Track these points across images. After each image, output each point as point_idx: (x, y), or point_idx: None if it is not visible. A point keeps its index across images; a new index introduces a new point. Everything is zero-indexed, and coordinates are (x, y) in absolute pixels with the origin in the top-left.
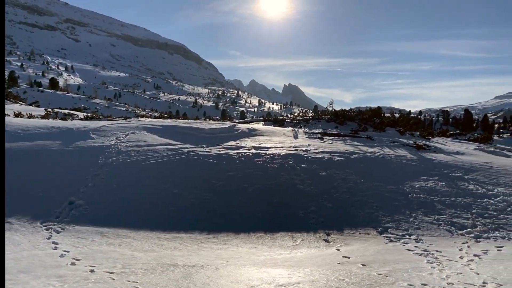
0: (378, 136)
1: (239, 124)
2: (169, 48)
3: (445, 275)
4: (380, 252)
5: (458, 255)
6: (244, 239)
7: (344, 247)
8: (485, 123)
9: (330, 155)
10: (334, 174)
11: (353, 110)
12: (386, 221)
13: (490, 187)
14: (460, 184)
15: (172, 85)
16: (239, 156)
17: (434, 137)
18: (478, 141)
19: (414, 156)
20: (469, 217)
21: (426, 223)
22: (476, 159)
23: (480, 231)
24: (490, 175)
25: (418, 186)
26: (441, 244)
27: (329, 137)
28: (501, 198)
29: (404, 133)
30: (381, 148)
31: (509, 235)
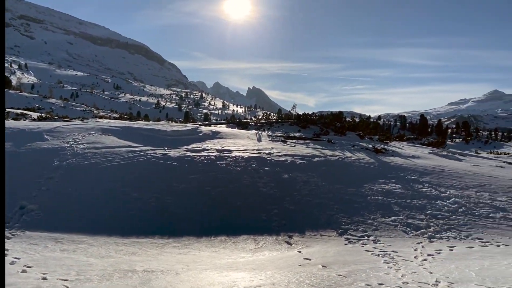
0: (339, 140)
1: (202, 126)
2: (130, 47)
3: (401, 274)
4: (340, 253)
5: (413, 255)
6: (206, 243)
7: (306, 249)
8: (439, 128)
9: (293, 158)
10: (297, 177)
11: (315, 114)
12: (346, 222)
13: (443, 190)
14: (416, 187)
15: (133, 85)
16: (202, 158)
17: (392, 141)
18: (432, 145)
19: (373, 160)
20: (424, 218)
21: (384, 225)
22: (430, 163)
23: (433, 232)
24: (443, 178)
25: (376, 188)
26: (397, 244)
27: (292, 141)
28: (453, 200)
29: (363, 137)
30: (342, 152)
31: (460, 235)
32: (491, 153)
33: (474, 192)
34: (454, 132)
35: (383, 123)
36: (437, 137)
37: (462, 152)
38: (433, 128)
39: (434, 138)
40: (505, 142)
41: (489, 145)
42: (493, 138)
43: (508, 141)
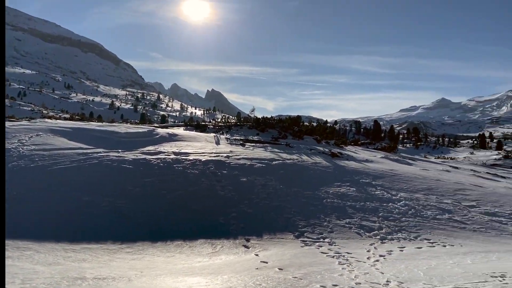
0: (297, 144)
1: (159, 128)
2: (83, 46)
3: (354, 275)
4: (296, 256)
5: (366, 256)
6: (161, 248)
7: (263, 252)
8: (392, 133)
9: (251, 162)
10: (255, 180)
11: (274, 118)
12: (302, 225)
13: (394, 192)
14: (369, 190)
15: (85, 85)
16: (157, 161)
17: (347, 146)
18: (385, 150)
19: (329, 163)
20: (376, 220)
21: (339, 227)
22: (383, 167)
23: (385, 233)
24: (394, 181)
25: (332, 191)
26: (351, 246)
27: (250, 144)
28: (403, 202)
29: (320, 141)
30: (299, 155)
31: (410, 236)
32: (438, 158)
33: (423, 195)
34: (405, 138)
35: (339, 128)
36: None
37: (412, 156)
38: (386, 133)
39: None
40: (451, 148)
41: (437, 150)
42: (441, 143)
43: (454, 147)
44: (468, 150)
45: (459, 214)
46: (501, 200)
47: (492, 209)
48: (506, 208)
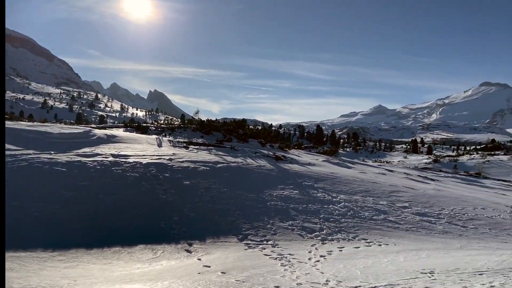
0: (241, 147)
1: (96, 129)
2: (13, 40)
3: (296, 276)
4: (239, 259)
5: (307, 257)
6: (97, 255)
7: (206, 256)
8: (333, 138)
9: (195, 165)
10: (199, 184)
11: (218, 121)
12: (246, 228)
13: (335, 195)
14: (311, 192)
15: (15, 82)
16: (94, 164)
17: (291, 149)
18: (326, 153)
19: (273, 167)
20: (318, 222)
21: (282, 229)
22: (324, 170)
23: (326, 234)
24: (335, 184)
25: (276, 194)
26: (294, 247)
27: (194, 147)
28: (343, 204)
29: (265, 145)
30: (244, 158)
31: (348, 237)
32: (375, 162)
33: (361, 196)
34: (345, 142)
35: (284, 132)
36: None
37: (351, 160)
38: (328, 138)
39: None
40: (387, 152)
41: (374, 154)
42: (378, 148)
43: (389, 151)
44: (402, 154)
45: (393, 214)
46: (430, 201)
47: (422, 209)
48: (435, 209)
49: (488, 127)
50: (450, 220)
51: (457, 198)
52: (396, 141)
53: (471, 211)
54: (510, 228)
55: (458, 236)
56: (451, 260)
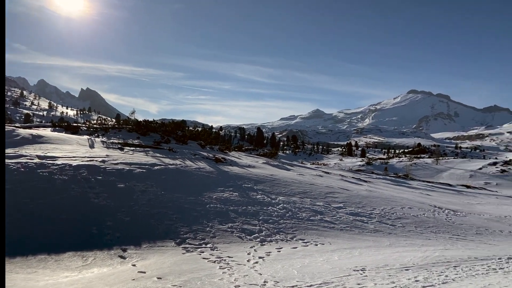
0: (180, 149)
1: (21, 129)
2: None
3: (234, 278)
4: (177, 263)
5: (246, 259)
6: (21, 264)
7: (141, 261)
8: (273, 140)
9: (130, 167)
10: (134, 187)
11: (156, 122)
12: (184, 232)
13: (274, 196)
14: (251, 194)
15: None
16: (18, 166)
17: (231, 151)
18: (266, 156)
19: (213, 169)
20: (257, 224)
21: (221, 231)
22: (264, 172)
23: (265, 236)
24: (274, 185)
25: (215, 196)
26: (233, 250)
27: (130, 148)
28: (282, 205)
29: (205, 147)
30: (183, 161)
31: (287, 237)
32: (313, 164)
33: (299, 198)
34: (285, 145)
35: (225, 134)
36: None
37: (290, 162)
38: (268, 140)
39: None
40: (325, 155)
41: (312, 157)
42: (316, 150)
43: (327, 154)
44: (338, 157)
45: (329, 215)
46: (363, 202)
47: (356, 209)
48: (367, 209)
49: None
50: (381, 219)
51: (387, 198)
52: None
53: (399, 210)
54: (433, 226)
55: (388, 234)
56: (381, 257)
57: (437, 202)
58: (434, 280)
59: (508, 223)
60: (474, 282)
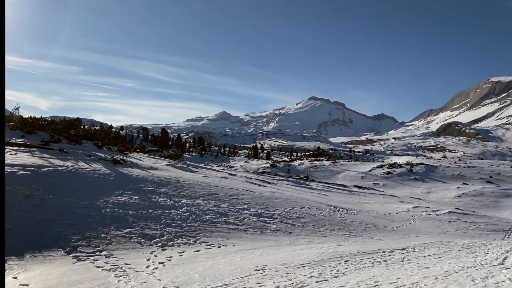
0: (73, 149)
1: None
2: None
3: (130, 286)
4: (66, 274)
5: (145, 265)
6: None
7: (24, 273)
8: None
9: (13, 169)
10: (17, 191)
11: (44, 119)
12: (76, 239)
13: (177, 199)
14: (152, 197)
15: None
16: None
17: (132, 153)
18: (171, 157)
19: (110, 171)
20: (158, 228)
21: (118, 237)
22: (167, 174)
23: (166, 240)
24: (177, 188)
25: (112, 200)
26: (131, 256)
27: (12, 148)
28: (185, 208)
29: (101, 147)
30: (76, 162)
31: (189, 241)
32: (220, 166)
33: (203, 200)
34: (191, 146)
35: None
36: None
37: (196, 164)
38: (173, 141)
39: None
40: (231, 157)
41: (219, 159)
42: (222, 152)
43: (233, 156)
44: (244, 159)
45: (233, 216)
46: (266, 203)
47: (259, 210)
48: (269, 210)
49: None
50: (282, 219)
51: (288, 199)
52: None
53: (299, 210)
54: (329, 224)
55: (288, 234)
56: (281, 255)
57: (332, 202)
58: (327, 274)
59: (392, 219)
60: (361, 275)
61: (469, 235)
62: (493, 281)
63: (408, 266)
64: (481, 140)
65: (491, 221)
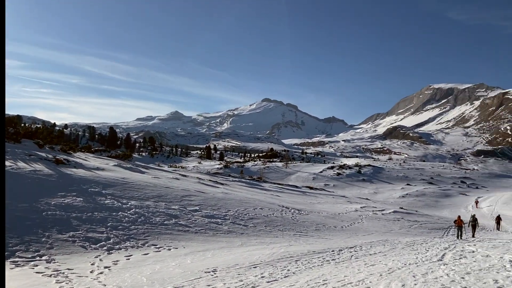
0: (12, 148)
1: None
2: None
3: None
4: None
5: (89, 270)
6: None
7: None
8: (128, 141)
9: None
10: None
11: None
12: (14, 243)
13: (125, 201)
14: (98, 199)
15: None
16: None
17: (76, 152)
18: (119, 157)
19: (53, 171)
20: (104, 231)
21: (60, 241)
22: (115, 175)
23: (113, 243)
24: (126, 189)
25: (54, 202)
26: (74, 261)
27: None
28: (133, 210)
29: (43, 146)
30: (14, 162)
31: (138, 244)
32: (171, 167)
33: (153, 202)
34: (142, 146)
35: (70, 133)
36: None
37: (146, 165)
38: (122, 141)
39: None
40: (184, 157)
41: (170, 159)
42: (174, 153)
43: (186, 156)
44: (197, 160)
45: (184, 218)
46: (218, 204)
47: (211, 212)
48: (222, 211)
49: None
50: (234, 220)
51: (241, 200)
52: (192, 147)
53: (251, 211)
54: (281, 224)
55: (240, 235)
56: (232, 257)
57: (285, 203)
58: (277, 274)
59: (341, 219)
60: (310, 274)
61: (412, 233)
62: (432, 277)
63: (355, 264)
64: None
65: (432, 220)
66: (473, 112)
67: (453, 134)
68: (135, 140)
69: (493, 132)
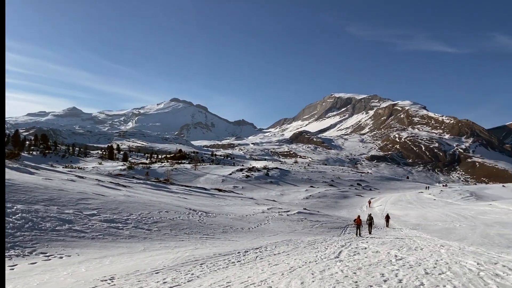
0: None
1: None
2: None
3: None
4: None
5: None
6: None
7: None
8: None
9: None
10: None
11: None
12: None
13: (10, 205)
14: None
15: None
16: None
17: None
18: (6, 157)
19: None
20: None
21: None
22: None
23: None
24: (10, 192)
25: None
26: None
27: None
28: (20, 215)
29: None
30: None
31: (24, 252)
32: (67, 167)
33: (43, 206)
34: (32, 144)
35: None
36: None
37: (37, 165)
38: (9, 138)
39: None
40: (82, 157)
41: (66, 159)
42: (71, 153)
43: (84, 156)
44: (98, 160)
45: (80, 223)
46: (120, 207)
47: (111, 216)
48: (123, 215)
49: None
50: (137, 225)
51: (145, 203)
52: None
53: (156, 214)
54: (187, 227)
55: (143, 239)
56: (133, 263)
57: (192, 205)
58: (181, 279)
59: (248, 221)
60: (215, 276)
61: (314, 232)
62: (328, 273)
63: (259, 265)
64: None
65: (332, 219)
66: (368, 120)
67: (351, 140)
68: (25, 137)
69: (384, 139)
